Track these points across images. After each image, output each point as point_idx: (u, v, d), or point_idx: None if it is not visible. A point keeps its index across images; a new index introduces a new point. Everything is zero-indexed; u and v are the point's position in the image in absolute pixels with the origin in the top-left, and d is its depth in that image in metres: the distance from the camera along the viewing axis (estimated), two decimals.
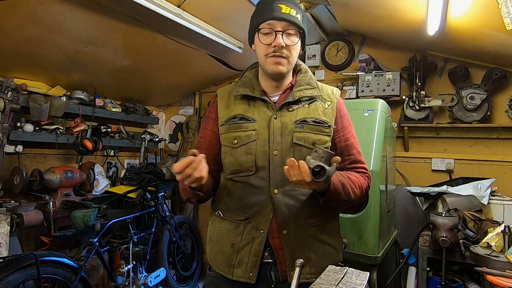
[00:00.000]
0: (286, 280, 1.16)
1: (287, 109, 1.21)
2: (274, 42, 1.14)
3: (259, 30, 1.17)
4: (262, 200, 1.16)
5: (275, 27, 1.15)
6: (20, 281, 1.85)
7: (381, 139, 2.20)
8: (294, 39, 1.17)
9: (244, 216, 1.18)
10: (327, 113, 1.23)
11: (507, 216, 2.26)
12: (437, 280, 2.19)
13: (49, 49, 2.55)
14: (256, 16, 1.21)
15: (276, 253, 1.16)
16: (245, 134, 1.19)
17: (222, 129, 1.24)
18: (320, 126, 1.20)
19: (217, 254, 1.23)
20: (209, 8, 2.51)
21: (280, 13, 1.14)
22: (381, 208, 2.12)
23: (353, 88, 3.30)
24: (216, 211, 1.27)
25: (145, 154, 3.96)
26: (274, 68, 1.17)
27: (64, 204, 2.71)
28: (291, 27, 1.15)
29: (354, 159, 1.24)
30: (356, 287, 0.78)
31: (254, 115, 1.21)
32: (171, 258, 3.30)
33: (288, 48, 1.16)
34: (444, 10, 2.05)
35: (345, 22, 3.11)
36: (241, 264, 1.17)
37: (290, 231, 1.15)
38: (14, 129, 2.68)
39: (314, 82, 1.26)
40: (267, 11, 1.16)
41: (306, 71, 1.30)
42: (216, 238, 1.25)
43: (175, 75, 3.56)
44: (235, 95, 1.25)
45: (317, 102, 1.24)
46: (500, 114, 2.84)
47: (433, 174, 3.03)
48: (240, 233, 1.18)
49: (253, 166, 1.17)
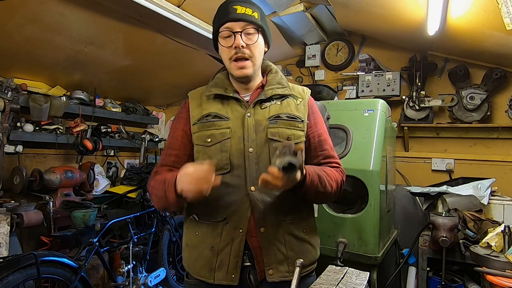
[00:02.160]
0: (264, 280, 1.15)
1: (260, 106, 1.22)
2: (234, 43, 1.15)
3: (219, 33, 1.19)
4: (239, 199, 1.14)
5: (233, 28, 1.16)
6: (20, 281, 1.85)
7: (381, 139, 2.20)
8: (254, 37, 1.18)
9: (221, 216, 1.15)
10: (300, 109, 1.25)
11: (507, 216, 2.26)
12: (437, 280, 2.19)
13: (49, 49, 2.55)
14: (215, 21, 1.22)
15: (253, 252, 1.15)
16: (219, 132, 1.18)
17: (194, 128, 1.22)
18: (294, 121, 1.21)
19: (196, 259, 1.19)
20: (209, 8, 2.47)
21: (235, 14, 1.16)
22: (381, 208, 2.12)
23: (353, 88, 3.31)
24: (190, 215, 1.23)
25: (145, 154, 3.96)
26: (239, 73, 1.18)
27: (64, 204, 2.71)
28: (249, 26, 1.17)
29: (327, 154, 1.25)
30: (356, 287, 0.78)
31: (228, 113, 1.21)
32: (171, 258, 3.30)
33: (249, 47, 1.17)
34: (444, 10, 2.05)
35: (345, 22, 3.11)
36: (222, 266, 1.14)
37: (267, 228, 1.14)
38: (14, 129, 2.68)
39: (284, 82, 1.28)
40: (224, 14, 1.18)
41: (277, 71, 1.31)
42: (193, 242, 1.21)
43: (175, 75, 3.56)
44: (207, 95, 1.25)
45: (288, 99, 1.25)
46: (500, 114, 2.84)
47: (433, 174, 3.04)
48: (219, 234, 1.15)
49: (228, 164, 1.15)
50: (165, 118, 4.49)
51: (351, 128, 2.23)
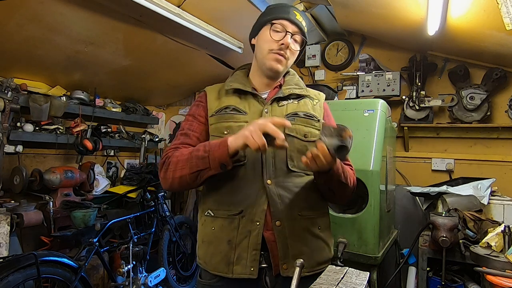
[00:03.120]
0: (279, 274, 1.14)
1: (277, 104, 1.25)
2: (283, 40, 1.19)
3: (272, 24, 1.21)
4: (255, 191, 1.15)
5: (287, 27, 1.21)
6: (20, 281, 1.85)
7: (381, 139, 2.20)
8: (297, 46, 1.25)
9: (237, 210, 1.15)
10: (316, 109, 1.29)
11: (507, 216, 2.26)
12: (437, 280, 2.19)
13: (49, 49, 2.55)
14: (271, 12, 1.25)
15: (269, 246, 1.15)
16: (236, 125, 1.19)
17: (212, 120, 1.24)
18: (311, 120, 1.24)
19: (212, 254, 1.19)
20: (209, 8, 2.51)
21: (295, 18, 1.23)
22: (381, 208, 2.12)
23: (353, 88, 3.31)
24: (205, 211, 1.23)
25: (145, 154, 3.96)
26: (273, 65, 1.22)
27: (64, 204, 2.71)
28: (299, 34, 1.24)
29: None
30: (356, 287, 0.78)
31: (246, 108, 1.24)
32: (171, 258, 3.29)
33: (291, 51, 1.23)
34: (444, 10, 2.05)
35: (345, 22, 3.11)
36: (240, 260, 1.13)
37: (283, 222, 1.14)
38: (14, 129, 2.68)
39: (301, 84, 1.33)
40: (284, 11, 1.23)
41: (294, 74, 1.36)
42: (209, 238, 1.21)
43: (175, 75, 3.56)
44: (226, 89, 1.28)
45: (305, 99, 1.29)
46: (500, 114, 2.84)
47: (433, 174, 3.03)
48: (236, 228, 1.15)
49: (244, 156, 1.16)
50: (165, 118, 4.50)
51: (351, 128, 2.22)
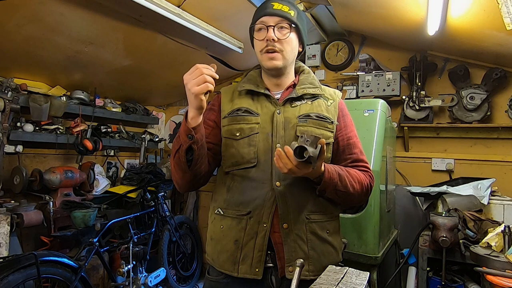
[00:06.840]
0: (284, 277, 1.15)
1: (290, 105, 1.24)
2: (266, 36, 1.18)
3: (254, 27, 1.23)
4: (263, 193, 1.16)
5: (267, 22, 1.19)
6: (20, 281, 1.85)
7: (381, 139, 2.20)
8: (286, 32, 1.20)
9: (246, 210, 1.17)
10: (330, 110, 1.26)
11: (507, 216, 2.26)
12: (437, 280, 2.19)
13: (49, 49, 2.55)
14: (253, 17, 1.26)
15: (275, 248, 1.16)
16: (248, 127, 1.20)
17: (224, 122, 1.25)
18: (323, 121, 1.22)
19: (220, 252, 1.21)
20: (209, 8, 2.51)
21: (271, 9, 1.20)
22: (381, 208, 2.12)
23: (353, 88, 3.30)
24: (215, 209, 1.25)
25: (145, 154, 3.96)
26: (269, 64, 1.21)
27: (64, 204, 2.71)
28: (283, 22, 1.19)
29: (356, 158, 1.25)
30: (356, 287, 0.78)
31: (258, 109, 1.24)
32: (171, 258, 3.30)
33: (281, 41, 1.19)
34: (444, 10, 2.05)
35: (345, 22, 3.11)
36: (246, 260, 1.15)
37: (290, 225, 1.15)
38: (14, 129, 2.68)
39: (316, 83, 1.30)
40: (261, 9, 1.24)
41: (309, 72, 1.34)
42: (218, 236, 1.23)
43: (175, 75, 3.56)
44: (239, 91, 1.28)
45: (319, 100, 1.27)
46: (500, 114, 2.84)
47: (433, 174, 3.03)
48: (243, 228, 1.17)
49: (255, 158, 1.17)
50: (165, 118, 4.49)
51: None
